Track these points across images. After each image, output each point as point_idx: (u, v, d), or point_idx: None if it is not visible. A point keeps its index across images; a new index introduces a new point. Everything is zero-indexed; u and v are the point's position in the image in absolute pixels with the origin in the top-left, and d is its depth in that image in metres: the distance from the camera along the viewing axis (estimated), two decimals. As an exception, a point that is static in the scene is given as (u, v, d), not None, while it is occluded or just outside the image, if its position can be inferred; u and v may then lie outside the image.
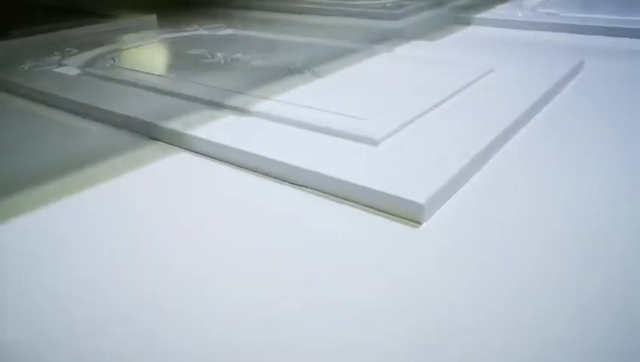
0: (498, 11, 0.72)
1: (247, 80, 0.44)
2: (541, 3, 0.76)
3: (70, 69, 0.49)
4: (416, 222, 0.24)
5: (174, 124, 0.35)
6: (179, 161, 0.34)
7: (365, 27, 0.70)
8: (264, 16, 0.82)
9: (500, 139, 0.32)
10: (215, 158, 0.33)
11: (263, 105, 0.37)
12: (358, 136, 0.32)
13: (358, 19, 0.74)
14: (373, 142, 0.31)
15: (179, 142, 0.35)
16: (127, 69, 0.48)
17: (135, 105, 0.39)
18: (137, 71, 0.47)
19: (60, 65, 0.50)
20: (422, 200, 0.24)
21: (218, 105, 0.38)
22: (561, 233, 0.24)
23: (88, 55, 0.54)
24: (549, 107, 0.39)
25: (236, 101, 0.38)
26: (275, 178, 0.30)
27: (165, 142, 0.36)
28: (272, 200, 0.28)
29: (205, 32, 0.64)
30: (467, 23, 0.69)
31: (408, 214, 0.25)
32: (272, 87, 0.42)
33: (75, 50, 0.55)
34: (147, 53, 0.55)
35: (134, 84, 0.44)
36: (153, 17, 0.76)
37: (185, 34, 0.63)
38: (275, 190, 0.29)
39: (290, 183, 0.29)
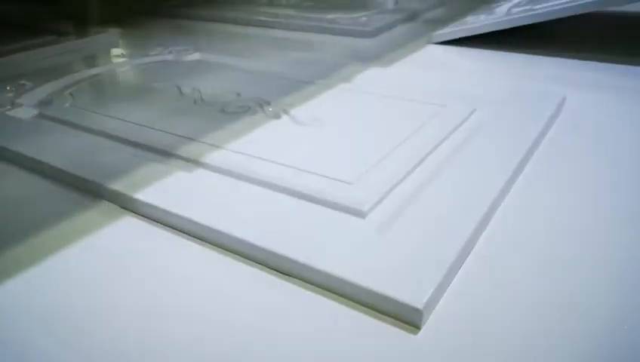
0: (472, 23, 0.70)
1: (215, 123, 0.41)
2: (516, 4, 0.74)
3: (25, 110, 0.46)
4: (414, 326, 0.23)
5: (124, 186, 0.33)
6: (123, 228, 0.31)
7: (339, 44, 0.68)
8: (229, 30, 0.78)
9: (493, 206, 0.30)
10: (169, 227, 0.31)
11: (230, 160, 0.35)
12: (342, 206, 0.30)
13: (332, 36, 0.72)
14: (360, 214, 0.29)
15: (132, 206, 0.32)
16: (85, 110, 0.45)
17: (86, 159, 0.36)
18: (96, 113, 0.44)
19: (14, 105, 0.46)
20: (420, 305, 0.22)
21: (178, 158, 0.36)
22: (572, 318, 0.23)
23: (45, 90, 0.50)
24: (539, 153, 0.38)
25: (199, 152, 0.36)
26: (241, 257, 0.28)
27: (120, 206, 0.33)
28: (235, 286, 0.26)
29: (171, 57, 0.60)
30: (440, 40, 0.67)
31: (404, 317, 0.23)
32: (242, 133, 0.39)
33: (29, 85, 0.51)
34: (109, 87, 0.51)
35: (91, 131, 0.41)
36: (114, 35, 0.72)
37: (149, 59, 0.60)
38: (237, 272, 0.27)
39: (257, 263, 0.27)
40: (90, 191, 0.34)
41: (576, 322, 0.23)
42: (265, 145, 0.37)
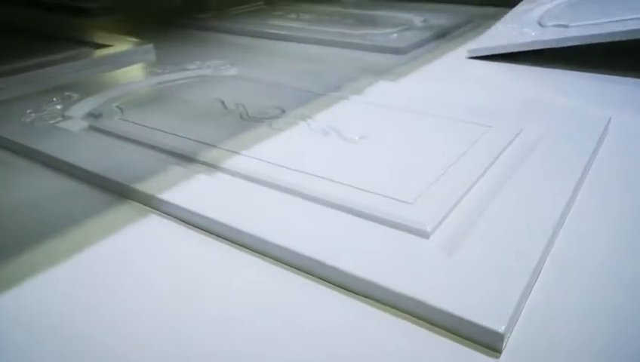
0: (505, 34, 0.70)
1: (267, 140, 0.42)
2: (546, 12, 0.74)
3: (75, 122, 0.46)
4: (495, 350, 0.23)
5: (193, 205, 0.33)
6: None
7: (372, 61, 0.69)
8: (260, 44, 0.79)
9: (559, 223, 0.31)
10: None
11: (290, 178, 0.35)
12: (405, 226, 0.30)
13: (365, 53, 0.72)
14: (423, 234, 0.30)
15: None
16: (135, 123, 0.46)
17: (144, 177, 0.37)
18: (148, 127, 0.44)
19: (64, 117, 0.47)
20: (501, 329, 0.23)
21: (244, 177, 0.36)
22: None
23: (90, 103, 0.51)
24: (593, 173, 0.38)
25: (270, 173, 0.36)
26: (287, 266, 0.29)
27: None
28: (285, 296, 0.27)
29: (209, 72, 0.61)
30: (476, 55, 0.67)
31: (484, 341, 0.23)
32: (295, 151, 0.40)
33: (75, 96, 0.52)
34: (154, 101, 0.52)
35: (147, 145, 0.41)
36: (149, 47, 0.73)
37: (189, 73, 0.60)
38: (284, 280, 0.28)
39: (305, 274, 0.28)
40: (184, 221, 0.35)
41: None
42: (318, 163, 0.38)
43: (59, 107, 0.50)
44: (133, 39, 0.77)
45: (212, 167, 0.38)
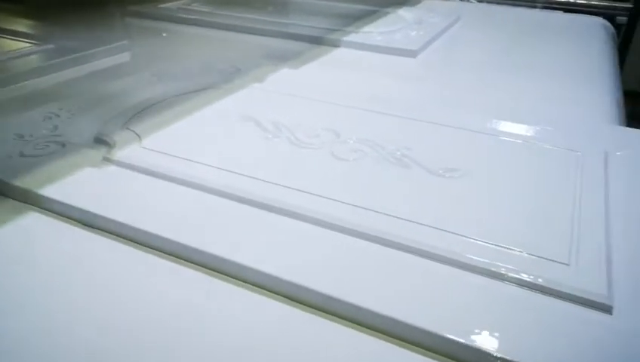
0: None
1: (341, 176, 0.35)
2: None
3: (84, 154, 0.36)
4: None
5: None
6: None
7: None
8: (245, 40, 0.70)
9: None
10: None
11: (422, 235, 0.29)
12: (580, 298, 0.25)
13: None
14: (604, 309, 0.25)
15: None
16: (170, 155, 0.36)
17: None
18: (200, 163, 0.35)
19: (64, 145, 0.37)
20: None
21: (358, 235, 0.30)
22: None
23: (90, 122, 0.40)
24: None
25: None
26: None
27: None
28: None
29: (219, 80, 0.52)
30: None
31: None
32: (385, 191, 0.34)
33: (63, 113, 0.41)
34: (174, 119, 0.42)
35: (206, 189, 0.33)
36: (124, 45, 0.61)
37: (196, 82, 0.51)
38: None
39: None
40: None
41: None
42: (419, 207, 0.32)
43: (50, 127, 0.39)
44: (95, 33, 0.65)
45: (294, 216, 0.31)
